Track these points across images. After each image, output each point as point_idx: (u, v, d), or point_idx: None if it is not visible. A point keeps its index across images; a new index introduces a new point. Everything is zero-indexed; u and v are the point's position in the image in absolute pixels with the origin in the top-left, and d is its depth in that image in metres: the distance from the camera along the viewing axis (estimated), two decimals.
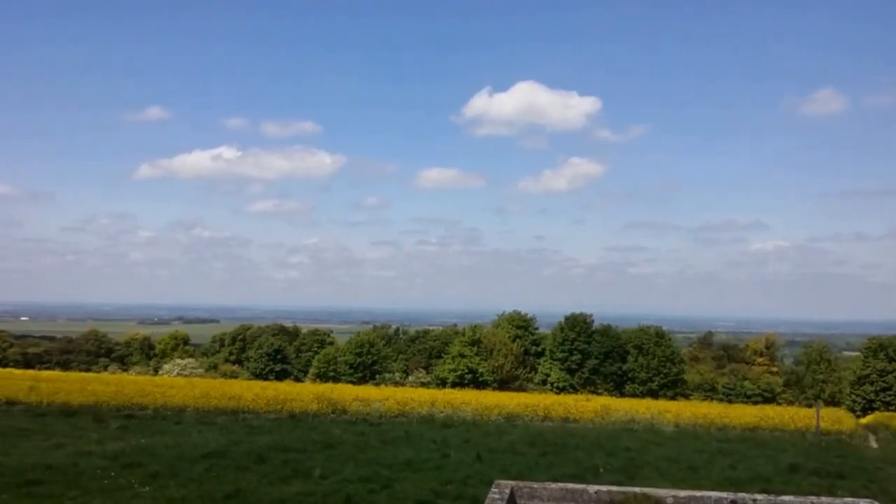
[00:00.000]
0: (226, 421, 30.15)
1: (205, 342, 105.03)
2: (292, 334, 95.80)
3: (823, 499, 11.60)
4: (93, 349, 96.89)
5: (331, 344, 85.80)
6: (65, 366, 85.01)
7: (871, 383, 60.22)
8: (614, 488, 11.47)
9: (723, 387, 68.31)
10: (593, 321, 73.54)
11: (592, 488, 11.28)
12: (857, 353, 72.49)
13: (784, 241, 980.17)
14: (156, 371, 79.52)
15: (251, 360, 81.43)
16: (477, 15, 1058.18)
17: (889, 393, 59.14)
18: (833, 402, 62.09)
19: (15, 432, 24.56)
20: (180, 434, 25.69)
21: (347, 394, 39.40)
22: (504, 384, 66.29)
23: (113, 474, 17.89)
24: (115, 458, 20.11)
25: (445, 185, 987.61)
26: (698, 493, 11.54)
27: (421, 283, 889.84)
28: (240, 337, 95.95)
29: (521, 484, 11.33)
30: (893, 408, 56.56)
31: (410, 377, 72.89)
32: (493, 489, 10.86)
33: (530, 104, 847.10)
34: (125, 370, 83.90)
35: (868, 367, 61.00)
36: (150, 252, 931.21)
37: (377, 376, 70.96)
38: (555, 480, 14.47)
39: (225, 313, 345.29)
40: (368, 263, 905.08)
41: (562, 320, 74.39)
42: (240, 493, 16.56)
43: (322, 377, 69.47)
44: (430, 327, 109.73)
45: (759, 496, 11.47)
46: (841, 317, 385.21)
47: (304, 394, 37.67)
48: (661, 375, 67.65)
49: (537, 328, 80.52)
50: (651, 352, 68.75)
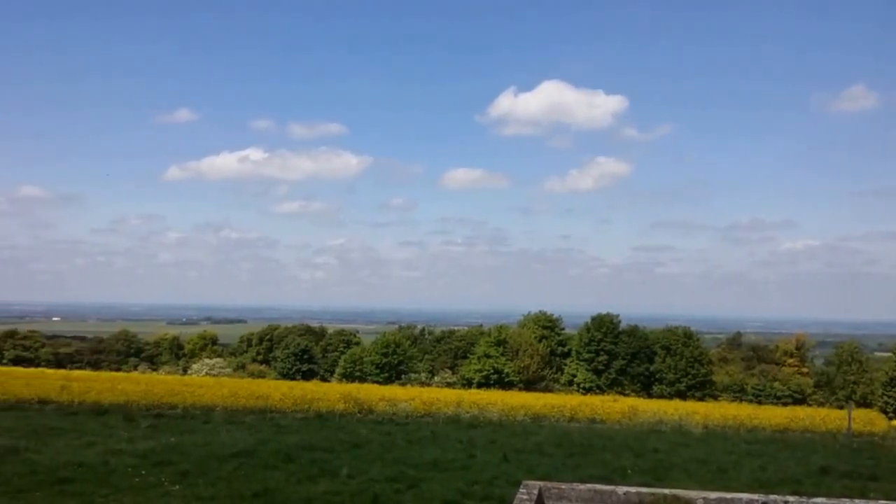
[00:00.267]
0: (254, 420, 30.33)
1: (233, 342, 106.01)
2: (319, 334, 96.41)
3: (856, 501, 11.41)
4: (123, 349, 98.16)
5: (357, 344, 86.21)
6: (95, 365, 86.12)
7: None
8: (643, 489, 11.38)
9: (752, 388, 67.62)
10: (620, 321, 73.19)
11: (621, 489, 11.20)
12: (889, 354, 71.57)
13: (814, 240, 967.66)
14: (185, 371, 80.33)
15: (278, 359, 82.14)
16: (502, 15, 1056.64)
17: None
18: (865, 403, 61.22)
19: (47, 431, 24.84)
20: (209, 433, 25.89)
21: (374, 394, 39.45)
22: (530, 385, 66.15)
23: (143, 472, 18.07)
24: (145, 456, 20.31)
25: (471, 186, 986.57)
26: (728, 495, 11.39)
27: (446, 284, 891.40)
28: (267, 337, 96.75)
29: (549, 484, 11.28)
30: None
31: (436, 377, 73.01)
32: (521, 490, 10.82)
33: (556, 103, 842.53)
34: (155, 370, 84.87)
35: None
36: (179, 253, 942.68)
37: (403, 376, 71.18)
38: (582, 481, 14.39)
39: (252, 314, 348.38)
40: (394, 264, 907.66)
41: (588, 321, 74.16)
42: (268, 492, 16.66)
43: (348, 377, 69.82)
44: (456, 328, 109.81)
45: (790, 498, 11.30)
46: (872, 317, 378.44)
47: (330, 393, 37.75)
48: (690, 376, 67.14)
49: (563, 329, 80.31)
50: (679, 352, 68.25)
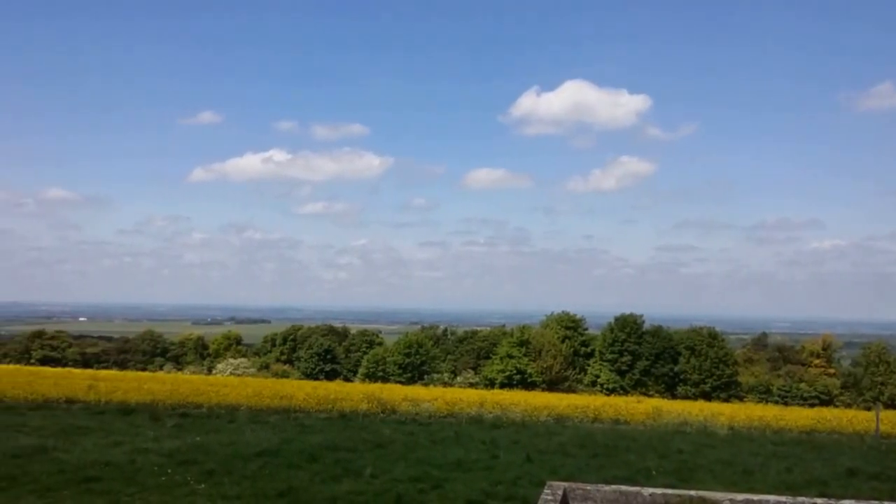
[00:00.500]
0: (278, 420, 30.46)
1: (256, 342, 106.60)
2: (342, 335, 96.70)
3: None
4: (148, 349, 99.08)
5: (379, 344, 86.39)
6: (122, 365, 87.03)
7: None
8: (669, 491, 11.29)
9: (778, 389, 66.87)
10: (644, 322, 72.69)
11: (647, 491, 11.12)
12: None
13: (841, 239, 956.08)
14: (209, 370, 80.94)
15: (302, 359, 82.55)
16: (524, 15, 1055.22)
17: None
18: (893, 404, 60.33)
19: (75, 430, 25.09)
20: (234, 432, 26.06)
21: (397, 394, 39.49)
22: (553, 385, 65.92)
23: (169, 471, 18.22)
24: (171, 455, 20.47)
25: (493, 186, 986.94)
26: (755, 497, 11.27)
27: (469, 284, 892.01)
28: (290, 337, 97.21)
29: (573, 485, 11.23)
30: None
31: (459, 378, 72.97)
32: (545, 490, 10.78)
33: (579, 103, 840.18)
34: (180, 369, 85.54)
35: None
36: (204, 254, 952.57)
37: (426, 377, 71.25)
38: (606, 482, 14.31)
39: (276, 314, 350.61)
40: (416, 264, 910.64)
41: (611, 321, 73.74)
42: (292, 491, 16.74)
43: (371, 377, 70.01)
44: (478, 328, 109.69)
45: (818, 500, 11.16)
46: None
47: (353, 393, 37.82)
48: (715, 377, 66.55)
49: (586, 329, 79.92)
50: (704, 353, 67.68)
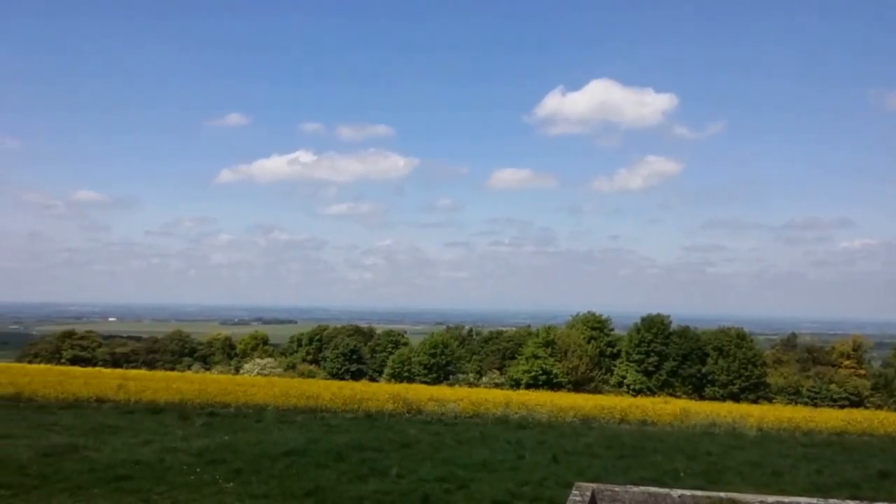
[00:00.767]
0: (304, 419, 30.64)
1: (283, 342, 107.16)
2: (367, 335, 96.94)
3: None
4: (177, 349, 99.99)
5: (405, 345, 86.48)
6: (151, 365, 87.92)
7: None
8: (698, 493, 11.18)
9: (808, 390, 65.98)
10: (671, 322, 72.08)
11: (676, 492, 11.02)
12: None
13: (871, 239, 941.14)
14: (237, 370, 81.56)
15: (328, 359, 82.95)
16: (549, 15, 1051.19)
17: None
18: None
19: (105, 429, 25.42)
20: (261, 432, 26.26)
21: (422, 394, 39.52)
22: (579, 386, 65.59)
23: (198, 470, 18.39)
24: (199, 454, 20.67)
25: (518, 186, 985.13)
26: (786, 499, 11.13)
27: (494, 284, 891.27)
28: (317, 337, 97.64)
29: (601, 487, 11.16)
30: None
31: (484, 378, 72.89)
32: (573, 491, 10.72)
33: (604, 102, 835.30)
34: (208, 369, 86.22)
35: None
36: (231, 254, 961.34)
37: (451, 377, 71.26)
38: (634, 484, 14.21)
39: (302, 314, 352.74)
40: (441, 264, 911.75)
41: (638, 321, 73.18)
42: (319, 491, 16.82)
43: (396, 377, 70.13)
44: (504, 328, 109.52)
45: (849, 502, 11.01)
46: None
47: (379, 393, 37.92)
48: (743, 378, 65.82)
49: (612, 329, 79.38)
50: (732, 354, 66.95)
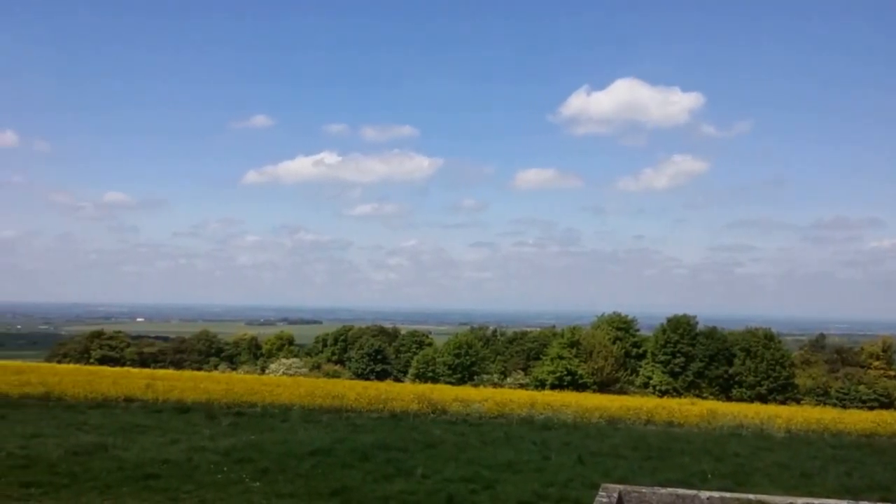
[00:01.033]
0: (330, 419, 30.78)
1: (308, 342, 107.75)
2: (392, 335, 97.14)
3: None
4: (204, 349, 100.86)
5: (429, 345, 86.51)
6: (178, 365, 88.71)
7: None
8: (727, 494, 11.06)
9: (836, 391, 65.03)
10: (697, 323, 71.44)
11: (704, 494, 10.91)
12: None
13: None
14: (263, 370, 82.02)
15: (353, 360, 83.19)
16: (573, 14, 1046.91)
17: None
18: None
19: (133, 428, 25.72)
20: (287, 431, 26.42)
21: (447, 394, 39.52)
22: (604, 387, 65.21)
23: (225, 469, 18.56)
24: (226, 453, 20.85)
25: (543, 186, 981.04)
26: (815, 501, 11.01)
27: (518, 285, 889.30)
28: (341, 338, 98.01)
29: (628, 488, 11.08)
30: None
31: (508, 378, 72.72)
32: (600, 493, 10.66)
33: (630, 101, 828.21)
34: (234, 369, 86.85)
35: None
36: (257, 255, 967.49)
37: (475, 377, 71.11)
38: (661, 485, 14.09)
39: (327, 314, 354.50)
40: (466, 265, 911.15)
41: (664, 322, 72.62)
42: (345, 490, 16.90)
43: (421, 377, 70.13)
44: (528, 329, 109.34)
45: None
46: None
47: (404, 394, 37.97)
48: (771, 379, 65.07)
49: (638, 330, 78.88)
50: (759, 355, 66.21)
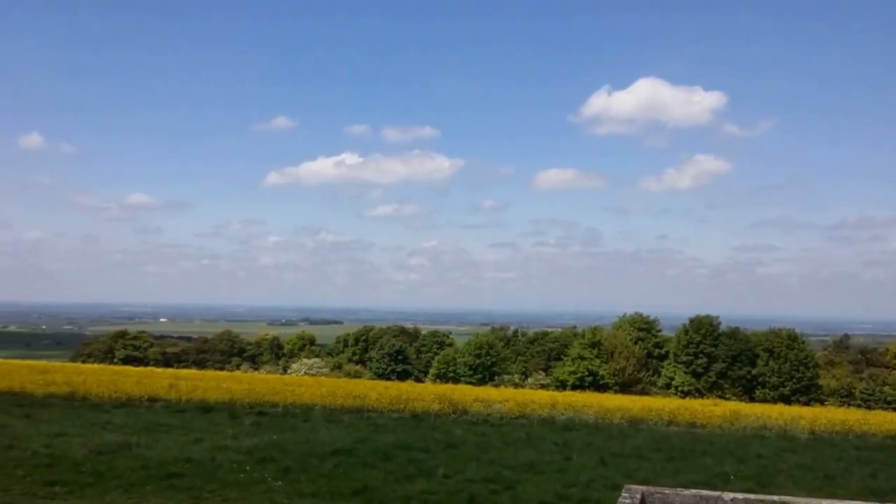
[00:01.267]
0: (351, 419, 30.86)
1: (329, 343, 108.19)
2: (412, 335, 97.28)
3: None
4: (226, 349, 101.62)
5: (450, 345, 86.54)
6: (201, 365, 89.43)
7: None
8: (750, 496, 10.98)
9: (861, 392, 64.29)
10: (720, 323, 70.93)
11: (728, 496, 10.84)
12: None
13: None
14: (284, 370, 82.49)
15: (374, 360, 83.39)
16: (594, 13, 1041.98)
17: None
18: None
19: (157, 427, 25.94)
20: (309, 431, 26.53)
21: (468, 394, 39.50)
22: (626, 387, 64.91)
23: (248, 468, 18.69)
24: (249, 453, 20.99)
25: (564, 186, 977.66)
26: (840, 503, 10.89)
27: (539, 285, 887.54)
28: (363, 338, 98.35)
29: (652, 489, 11.03)
30: None
31: (529, 379, 72.60)
32: (623, 493, 10.62)
33: (652, 101, 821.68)
34: (256, 369, 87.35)
35: None
36: (279, 256, 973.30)
37: (496, 378, 71.05)
38: (684, 487, 14.01)
39: (348, 315, 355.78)
40: (487, 265, 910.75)
41: (686, 322, 72.18)
42: (367, 490, 16.96)
43: (442, 378, 70.15)
44: (549, 329, 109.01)
45: None
46: None
47: (425, 394, 37.99)
48: (794, 380, 64.48)
49: (660, 330, 78.46)
50: (783, 355, 65.62)
